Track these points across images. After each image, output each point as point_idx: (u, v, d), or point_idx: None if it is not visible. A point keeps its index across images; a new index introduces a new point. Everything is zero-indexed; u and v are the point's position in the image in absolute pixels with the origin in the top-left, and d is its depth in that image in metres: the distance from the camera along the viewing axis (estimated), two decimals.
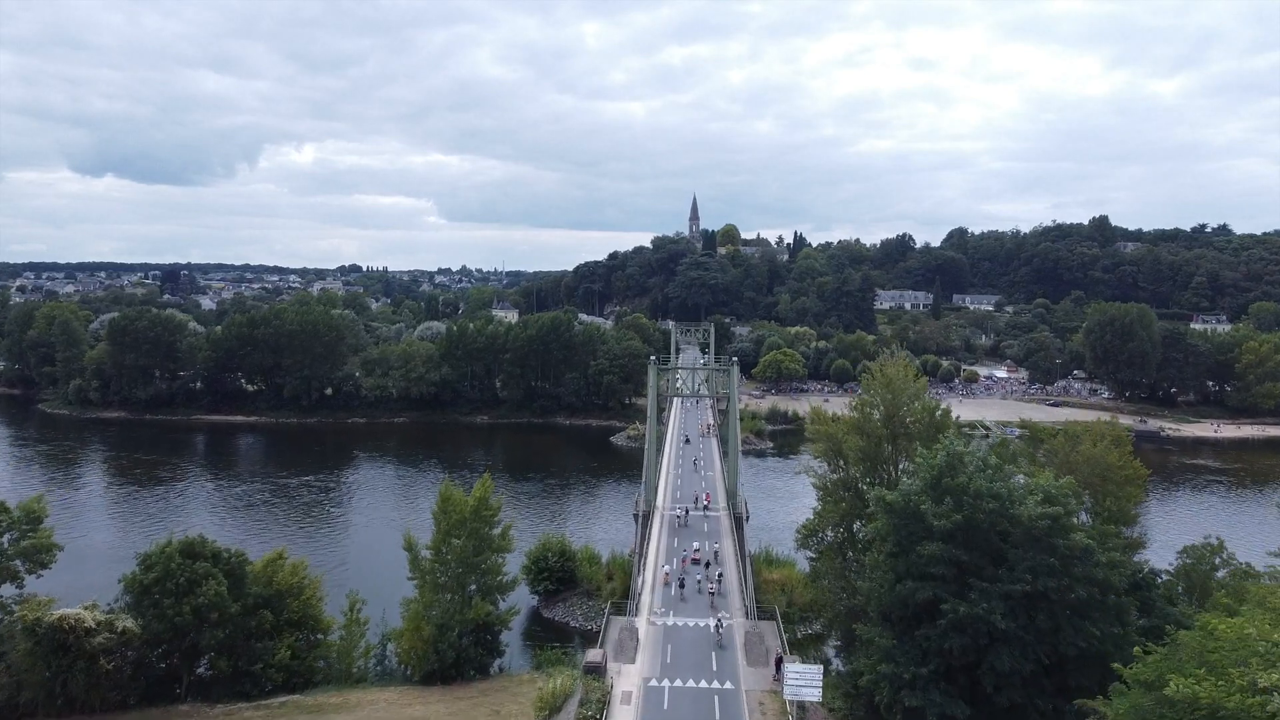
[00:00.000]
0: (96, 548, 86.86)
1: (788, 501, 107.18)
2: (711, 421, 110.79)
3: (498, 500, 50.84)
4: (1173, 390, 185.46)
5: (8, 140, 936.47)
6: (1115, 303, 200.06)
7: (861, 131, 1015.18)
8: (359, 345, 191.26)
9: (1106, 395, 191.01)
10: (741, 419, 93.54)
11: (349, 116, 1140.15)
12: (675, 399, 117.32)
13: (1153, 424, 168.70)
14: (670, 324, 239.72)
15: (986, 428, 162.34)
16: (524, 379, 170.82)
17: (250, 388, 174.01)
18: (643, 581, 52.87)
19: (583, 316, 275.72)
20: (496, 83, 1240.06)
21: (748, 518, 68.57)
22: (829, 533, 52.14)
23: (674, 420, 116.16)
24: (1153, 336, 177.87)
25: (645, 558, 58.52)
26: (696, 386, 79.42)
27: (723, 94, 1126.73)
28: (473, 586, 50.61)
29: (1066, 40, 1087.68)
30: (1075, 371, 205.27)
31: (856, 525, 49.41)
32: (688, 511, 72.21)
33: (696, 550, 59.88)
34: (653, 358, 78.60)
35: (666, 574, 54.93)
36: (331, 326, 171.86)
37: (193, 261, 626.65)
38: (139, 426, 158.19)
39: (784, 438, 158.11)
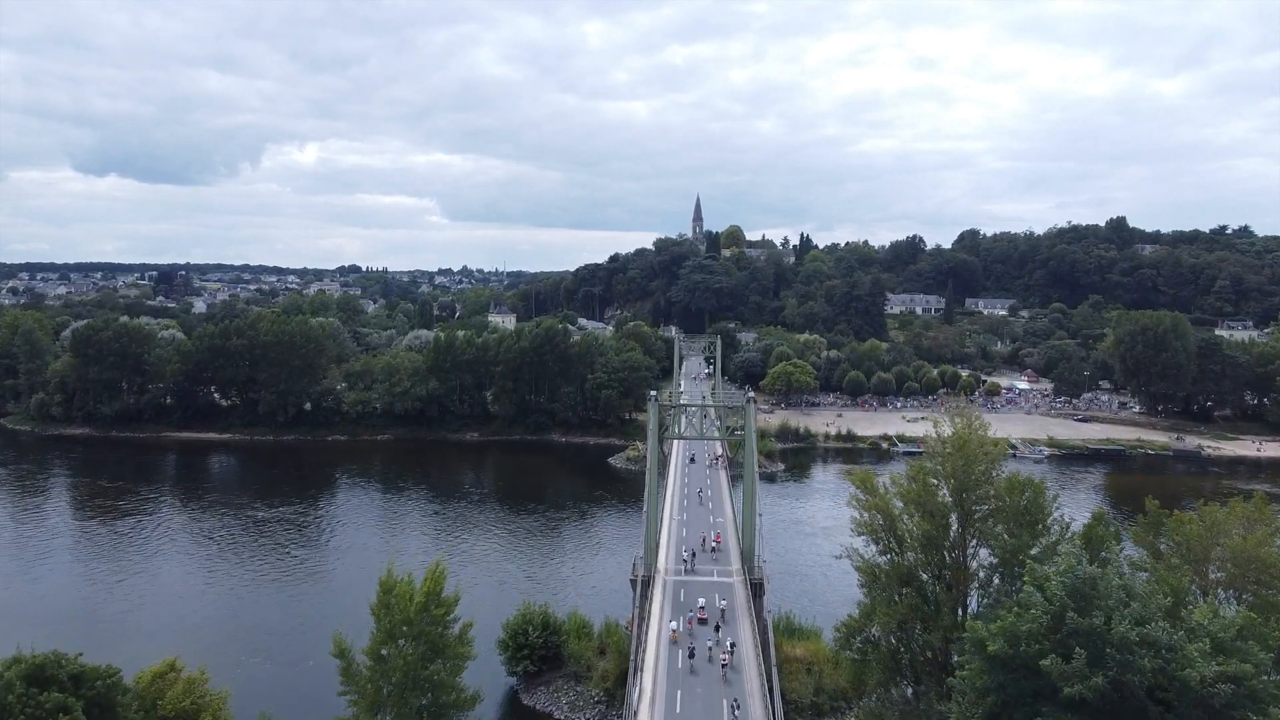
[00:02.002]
0: (26, 603, 76.54)
1: (807, 539, 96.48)
2: (720, 452, 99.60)
3: (454, 594, 39.87)
4: (1209, 404, 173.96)
5: (11, 140, 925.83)
6: (1145, 311, 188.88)
7: (864, 131, 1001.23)
8: (344, 355, 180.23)
9: (1137, 409, 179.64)
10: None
11: (351, 116, 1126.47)
12: (681, 417, 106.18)
13: (1190, 441, 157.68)
14: (673, 330, 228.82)
15: (1014, 446, 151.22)
16: (517, 393, 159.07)
17: (224, 402, 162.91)
18: (639, 693, 41.75)
19: (582, 321, 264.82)
20: (499, 82, 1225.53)
21: (767, 581, 57.63)
22: (876, 631, 41.00)
23: (678, 445, 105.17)
24: (1188, 347, 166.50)
25: (644, 646, 47.51)
26: (704, 426, 68.06)
27: (725, 94, 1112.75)
28: (424, 700, 39.78)
29: (1069, 40, 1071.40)
30: (1102, 383, 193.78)
31: (917, 630, 38.24)
32: (694, 555, 63.43)
33: (702, 608, 52.68)
34: (653, 394, 67.20)
35: (674, 632, 48.76)
36: (310, 338, 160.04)
37: (193, 261, 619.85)
38: (104, 445, 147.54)
39: (795, 457, 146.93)
